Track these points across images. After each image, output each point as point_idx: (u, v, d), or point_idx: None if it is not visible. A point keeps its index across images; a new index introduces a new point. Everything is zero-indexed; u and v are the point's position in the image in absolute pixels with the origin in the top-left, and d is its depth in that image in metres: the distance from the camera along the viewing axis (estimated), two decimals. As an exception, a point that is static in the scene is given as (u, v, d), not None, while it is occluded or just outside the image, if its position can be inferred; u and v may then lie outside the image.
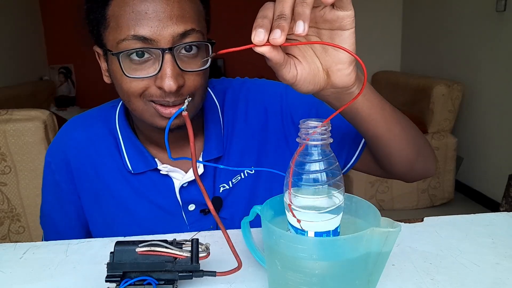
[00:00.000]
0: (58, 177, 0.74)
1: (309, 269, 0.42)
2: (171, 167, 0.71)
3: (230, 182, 0.73)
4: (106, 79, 0.68)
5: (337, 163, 0.44)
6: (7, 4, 3.27)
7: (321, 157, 0.43)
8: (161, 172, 0.71)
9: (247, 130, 0.75)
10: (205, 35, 0.63)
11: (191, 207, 0.72)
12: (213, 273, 0.48)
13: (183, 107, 0.55)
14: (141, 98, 0.61)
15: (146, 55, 0.59)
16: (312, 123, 0.44)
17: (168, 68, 0.57)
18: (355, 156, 0.76)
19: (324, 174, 0.43)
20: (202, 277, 0.47)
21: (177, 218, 0.72)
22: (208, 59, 0.61)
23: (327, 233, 0.44)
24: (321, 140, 0.43)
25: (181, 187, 0.71)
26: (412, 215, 0.74)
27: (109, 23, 0.59)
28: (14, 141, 1.62)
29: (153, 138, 0.72)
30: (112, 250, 0.47)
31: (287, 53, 0.48)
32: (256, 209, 0.49)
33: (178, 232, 0.66)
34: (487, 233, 0.63)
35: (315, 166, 0.43)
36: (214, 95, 0.77)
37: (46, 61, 4.00)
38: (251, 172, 0.75)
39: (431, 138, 2.64)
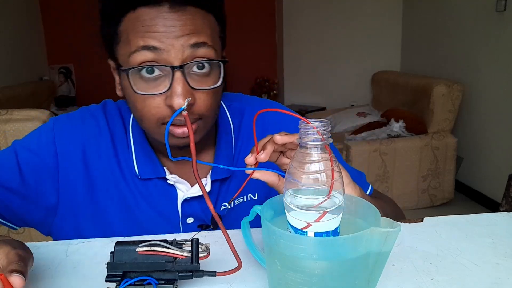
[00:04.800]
0: (63, 150, 0.69)
1: (309, 269, 0.42)
2: (179, 178, 0.70)
3: (232, 202, 0.73)
4: (119, 92, 0.68)
5: (337, 163, 0.44)
6: (7, 4, 3.27)
7: (321, 158, 0.43)
8: (168, 181, 0.70)
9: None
10: (218, 52, 0.62)
11: (190, 220, 0.71)
12: (213, 273, 0.48)
13: (183, 107, 0.55)
14: (154, 121, 0.61)
15: (157, 72, 0.58)
16: (312, 123, 0.44)
17: (178, 86, 0.57)
18: None
19: (324, 175, 0.43)
20: (202, 277, 0.47)
21: (174, 227, 0.71)
22: (220, 78, 0.61)
23: (327, 233, 0.44)
24: (321, 140, 0.43)
25: (184, 201, 0.70)
26: (412, 215, 0.74)
27: (120, 38, 0.60)
28: (14, 141, 1.62)
29: (165, 149, 0.71)
30: (112, 250, 0.47)
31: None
32: (256, 209, 0.49)
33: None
34: (487, 233, 0.63)
35: (315, 167, 0.43)
36: (229, 114, 0.76)
37: (46, 61, 4.01)
38: (254, 198, 0.74)
39: (431, 138, 2.64)
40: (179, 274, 0.47)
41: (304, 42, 3.85)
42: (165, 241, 0.47)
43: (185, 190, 0.71)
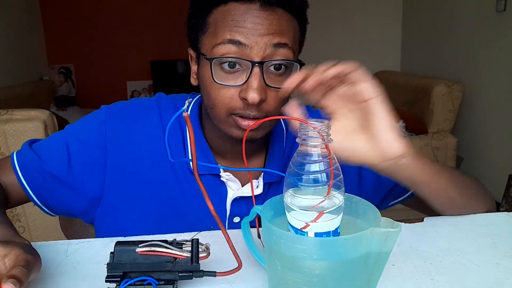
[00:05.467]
0: (109, 140, 0.71)
1: (309, 269, 0.42)
2: (232, 176, 0.71)
3: None
4: (193, 81, 0.70)
5: (337, 163, 0.44)
6: (7, 4, 3.27)
7: (321, 158, 0.43)
8: (221, 178, 0.71)
9: None
10: (296, 55, 0.65)
11: (236, 219, 0.72)
12: (213, 273, 0.48)
13: (183, 108, 0.56)
14: (224, 110, 0.63)
15: (237, 66, 0.61)
16: (313, 123, 0.44)
17: (254, 81, 0.59)
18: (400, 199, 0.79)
19: (324, 175, 0.43)
20: (202, 277, 0.47)
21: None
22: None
23: (327, 234, 0.44)
24: (321, 140, 0.43)
25: (234, 200, 0.71)
26: (412, 215, 0.74)
27: (208, 29, 0.63)
28: (14, 141, 1.62)
29: (220, 146, 0.72)
30: (112, 250, 0.47)
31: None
32: (256, 209, 0.49)
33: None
34: (487, 233, 0.63)
35: (315, 167, 0.43)
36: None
37: (46, 61, 4.00)
38: None
39: (431, 138, 2.64)
40: (179, 274, 0.47)
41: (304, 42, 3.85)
42: (165, 241, 0.47)
43: (235, 189, 0.72)
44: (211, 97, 0.63)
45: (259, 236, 0.57)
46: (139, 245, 0.46)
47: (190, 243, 0.47)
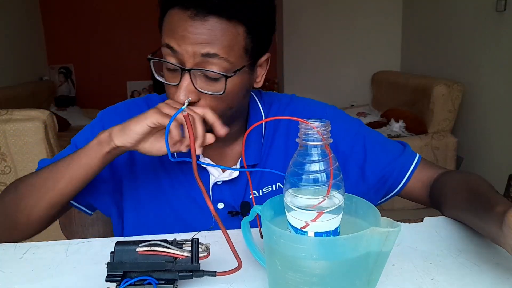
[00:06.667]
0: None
1: (309, 269, 0.42)
2: (211, 162, 0.75)
3: (260, 190, 0.76)
4: None
5: (337, 163, 0.44)
6: (7, 4, 3.27)
7: (321, 158, 0.43)
8: (201, 165, 0.72)
9: (287, 145, 0.77)
10: (236, 63, 0.64)
11: (220, 205, 0.75)
12: (213, 273, 0.48)
13: (183, 107, 0.58)
14: None
15: (174, 67, 0.65)
16: (313, 123, 0.44)
17: (183, 84, 0.63)
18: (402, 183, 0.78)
19: (324, 175, 0.43)
20: (202, 277, 0.47)
21: (205, 213, 0.74)
22: (224, 87, 0.64)
23: (327, 233, 0.44)
24: (321, 140, 0.43)
25: (215, 184, 0.74)
26: (412, 215, 0.74)
27: (162, 27, 0.67)
28: (14, 141, 1.62)
29: None
30: (112, 250, 0.47)
31: None
32: (256, 209, 0.49)
33: (202, 226, 0.70)
34: (487, 233, 0.63)
35: (315, 167, 0.43)
36: (261, 106, 0.80)
37: (46, 61, 4.00)
38: (282, 187, 0.75)
39: (431, 138, 2.64)
40: (179, 274, 0.47)
41: (304, 42, 3.85)
42: (165, 241, 0.47)
43: (216, 175, 0.74)
44: (166, 91, 0.69)
45: (261, 236, 0.57)
46: (139, 245, 0.46)
47: (190, 243, 0.47)
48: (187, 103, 0.60)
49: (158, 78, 0.67)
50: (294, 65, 3.90)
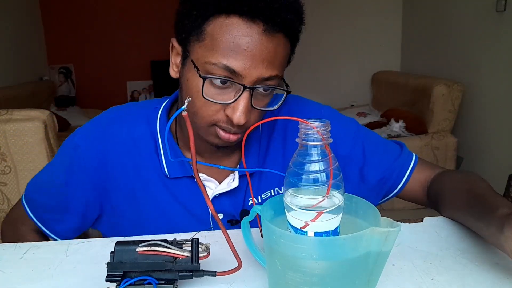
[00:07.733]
0: (87, 164, 0.71)
1: (309, 269, 0.42)
2: (207, 176, 0.72)
3: (259, 197, 0.75)
4: (174, 74, 0.68)
5: (337, 163, 0.44)
6: (7, 4, 3.27)
7: (320, 158, 0.43)
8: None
9: (283, 150, 0.76)
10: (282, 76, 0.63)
11: (220, 216, 0.73)
12: (213, 273, 0.48)
13: (183, 107, 0.56)
14: (207, 120, 0.63)
15: (228, 83, 0.60)
16: (312, 123, 0.44)
17: (243, 103, 0.59)
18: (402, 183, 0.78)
19: (324, 175, 0.43)
20: (202, 277, 0.47)
21: (205, 225, 0.73)
22: (278, 103, 0.64)
23: (327, 233, 0.44)
24: (321, 140, 0.43)
25: (214, 198, 0.72)
26: (412, 215, 0.74)
27: (204, 39, 0.59)
28: (14, 141, 1.62)
29: (198, 145, 0.72)
30: (112, 250, 0.47)
31: None
32: (256, 209, 0.49)
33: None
34: (487, 233, 0.62)
35: (315, 167, 0.43)
36: None
37: (46, 61, 4.00)
38: (281, 192, 0.75)
39: (431, 138, 2.64)
40: (179, 274, 0.47)
41: (304, 42, 3.83)
42: (165, 241, 0.47)
43: (213, 188, 0.73)
44: (195, 105, 0.62)
45: (262, 236, 0.57)
46: (139, 245, 0.46)
47: (190, 242, 0.47)
48: (187, 103, 0.58)
49: (207, 98, 0.60)
50: (294, 65, 3.90)
